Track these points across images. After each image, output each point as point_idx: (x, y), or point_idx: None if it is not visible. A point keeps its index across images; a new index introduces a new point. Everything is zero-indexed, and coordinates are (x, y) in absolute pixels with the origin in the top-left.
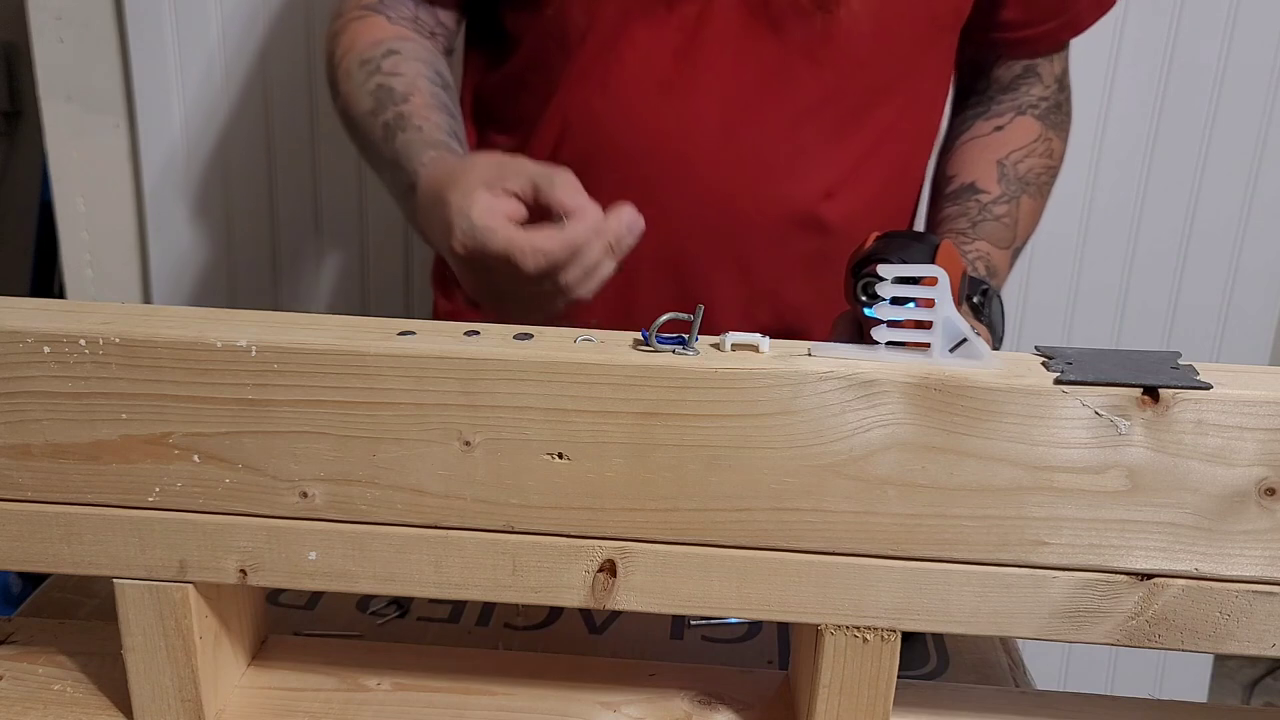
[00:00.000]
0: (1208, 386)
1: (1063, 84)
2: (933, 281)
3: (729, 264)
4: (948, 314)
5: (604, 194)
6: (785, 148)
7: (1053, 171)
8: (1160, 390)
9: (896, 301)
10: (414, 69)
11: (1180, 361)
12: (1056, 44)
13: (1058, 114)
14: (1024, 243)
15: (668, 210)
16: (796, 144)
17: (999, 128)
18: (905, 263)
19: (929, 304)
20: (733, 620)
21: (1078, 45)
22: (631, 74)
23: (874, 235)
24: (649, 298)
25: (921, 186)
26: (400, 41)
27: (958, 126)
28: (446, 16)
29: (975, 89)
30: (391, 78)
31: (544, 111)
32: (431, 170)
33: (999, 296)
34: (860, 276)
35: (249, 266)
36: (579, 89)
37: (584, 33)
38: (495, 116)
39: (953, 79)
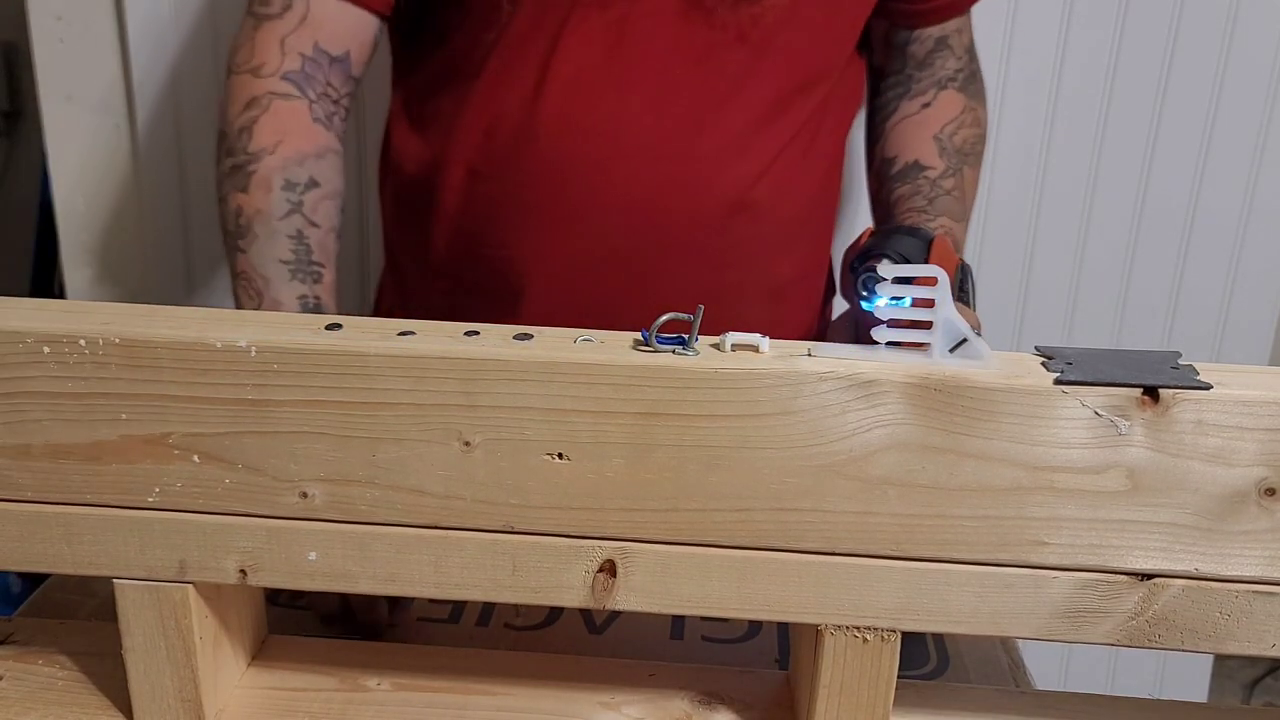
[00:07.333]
0: (1208, 387)
1: (972, 54)
2: (932, 281)
3: (660, 255)
4: (948, 314)
5: (533, 189)
6: (715, 135)
7: (983, 140)
8: (1160, 390)
9: (896, 299)
10: (328, 219)
11: (1180, 362)
12: (962, 7)
13: (974, 83)
14: (970, 212)
15: (600, 205)
16: (727, 131)
17: (926, 104)
18: (903, 256)
19: (927, 303)
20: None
21: (1076, 46)
22: (562, 68)
23: (868, 230)
24: (597, 294)
25: (843, 164)
26: (319, 162)
27: (882, 108)
28: (357, 64)
29: (890, 69)
30: (310, 228)
31: (464, 109)
32: None
33: (970, 270)
34: (858, 272)
35: None
36: (507, 84)
37: (512, 26)
38: (415, 117)
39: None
